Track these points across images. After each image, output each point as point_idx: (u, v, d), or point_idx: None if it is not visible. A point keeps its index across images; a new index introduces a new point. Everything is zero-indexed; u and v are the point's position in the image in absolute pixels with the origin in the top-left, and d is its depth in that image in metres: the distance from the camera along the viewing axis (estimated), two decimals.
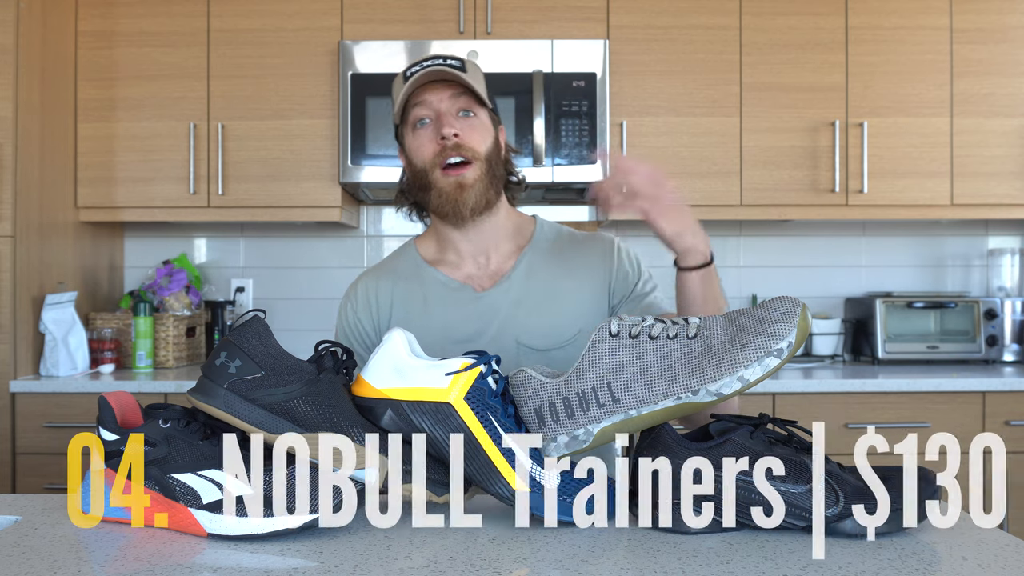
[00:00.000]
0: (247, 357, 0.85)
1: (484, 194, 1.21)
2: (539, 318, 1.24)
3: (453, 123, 1.19)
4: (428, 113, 1.21)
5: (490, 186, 1.22)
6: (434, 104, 1.21)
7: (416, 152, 1.23)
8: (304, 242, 2.94)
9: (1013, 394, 2.33)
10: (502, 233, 1.29)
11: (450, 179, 1.20)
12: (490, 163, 1.23)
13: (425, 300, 1.27)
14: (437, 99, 1.21)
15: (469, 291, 1.26)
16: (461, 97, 1.21)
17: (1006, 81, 2.59)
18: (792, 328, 0.79)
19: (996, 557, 0.74)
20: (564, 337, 1.23)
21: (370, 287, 1.30)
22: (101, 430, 0.85)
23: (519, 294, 1.25)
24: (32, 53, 2.35)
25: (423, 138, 1.22)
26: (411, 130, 1.23)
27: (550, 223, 1.36)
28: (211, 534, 0.80)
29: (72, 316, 2.43)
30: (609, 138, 2.52)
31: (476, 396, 0.85)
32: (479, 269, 1.28)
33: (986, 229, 2.98)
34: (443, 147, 1.19)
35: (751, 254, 2.96)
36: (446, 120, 1.19)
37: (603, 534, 0.82)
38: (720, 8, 2.58)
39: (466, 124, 1.21)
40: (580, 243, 1.32)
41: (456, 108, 1.21)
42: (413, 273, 1.30)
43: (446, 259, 1.30)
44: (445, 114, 1.20)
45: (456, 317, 1.25)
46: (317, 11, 2.56)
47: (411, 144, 1.24)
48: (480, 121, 1.23)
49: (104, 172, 2.58)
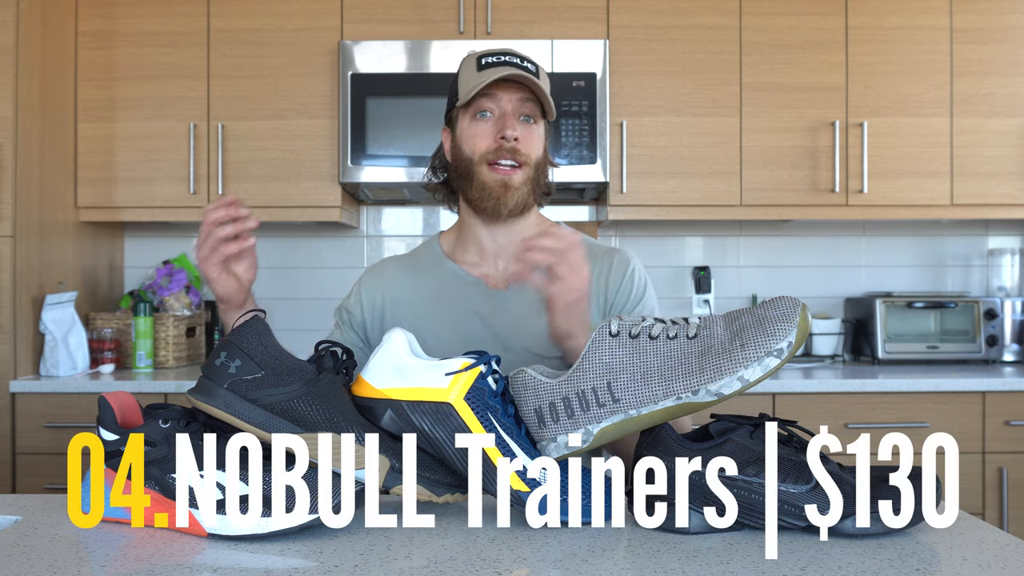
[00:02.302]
0: (247, 357, 0.85)
1: (525, 199, 1.24)
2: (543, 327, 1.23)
3: (516, 126, 1.21)
4: (493, 107, 1.23)
5: (531, 193, 1.25)
6: (502, 102, 1.22)
7: (469, 140, 1.24)
8: (304, 242, 2.94)
9: (1013, 394, 2.33)
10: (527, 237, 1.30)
11: (496, 176, 1.22)
12: (537, 171, 1.25)
13: (438, 292, 1.29)
14: (507, 98, 1.22)
15: (483, 287, 1.27)
16: (528, 103, 1.23)
17: (1006, 81, 2.59)
18: (792, 328, 0.79)
19: (996, 557, 0.74)
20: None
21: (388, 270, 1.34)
22: (101, 430, 0.85)
23: (529, 301, 1.25)
24: (32, 53, 2.35)
25: (482, 130, 1.23)
26: (470, 117, 1.24)
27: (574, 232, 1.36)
28: (211, 534, 0.80)
29: (72, 316, 2.43)
30: (609, 138, 2.52)
31: (476, 396, 0.85)
32: (496, 270, 1.30)
33: (986, 229, 2.98)
34: (500, 146, 1.21)
35: (751, 254, 2.96)
36: (510, 122, 1.21)
37: (603, 534, 0.82)
38: (720, 8, 2.58)
39: (526, 131, 1.23)
40: (597, 257, 1.31)
41: (521, 112, 1.23)
42: (432, 266, 1.32)
43: (467, 255, 1.31)
44: (510, 116, 1.22)
45: (465, 311, 1.26)
46: (317, 11, 2.56)
47: (466, 131, 1.24)
48: (538, 131, 1.26)
49: (104, 172, 2.58)
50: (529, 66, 1.22)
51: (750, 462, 0.80)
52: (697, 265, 2.90)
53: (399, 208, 2.95)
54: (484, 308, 1.26)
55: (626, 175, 2.57)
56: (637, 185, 2.58)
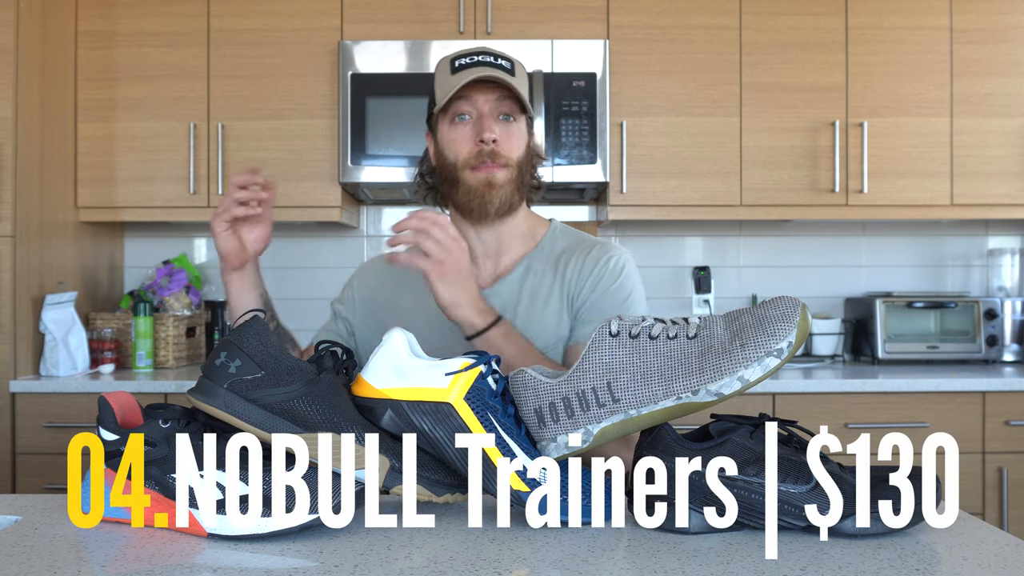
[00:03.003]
0: (247, 357, 0.85)
1: (510, 198, 1.23)
2: (524, 324, 1.23)
3: (494, 128, 1.20)
4: (470, 110, 1.22)
5: (516, 191, 1.24)
6: (479, 103, 1.21)
7: (450, 145, 1.24)
8: (304, 242, 2.94)
9: (1013, 394, 2.33)
10: (515, 236, 1.30)
11: (480, 176, 1.21)
12: (520, 170, 1.25)
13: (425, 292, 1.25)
14: (483, 99, 1.21)
15: None
16: (505, 101, 1.22)
17: (1006, 81, 2.60)
18: (792, 328, 0.79)
19: (996, 557, 0.74)
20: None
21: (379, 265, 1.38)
22: (101, 430, 0.85)
23: (510, 297, 1.26)
24: (32, 53, 2.35)
25: (461, 134, 1.22)
26: (449, 121, 1.24)
27: (566, 228, 1.36)
28: (211, 534, 0.80)
29: (72, 316, 2.43)
30: (609, 138, 2.52)
31: (476, 396, 0.85)
32: (484, 271, 1.30)
33: (986, 229, 2.98)
34: (480, 150, 1.21)
35: (751, 254, 2.96)
36: (487, 124, 1.20)
37: (603, 534, 0.82)
38: (720, 8, 2.58)
39: (505, 130, 1.22)
40: (582, 251, 1.29)
41: (499, 112, 1.22)
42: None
43: None
44: (487, 117, 1.21)
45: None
46: (317, 11, 2.56)
47: (446, 136, 1.24)
48: (518, 128, 1.24)
49: (104, 172, 2.58)
50: (504, 63, 1.21)
51: (750, 462, 0.80)
52: (697, 265, 2.90)
53: (399, 208, 2.95)
54: None
55: (626, 175, 2.57)
56: (637, 185, 2.58)
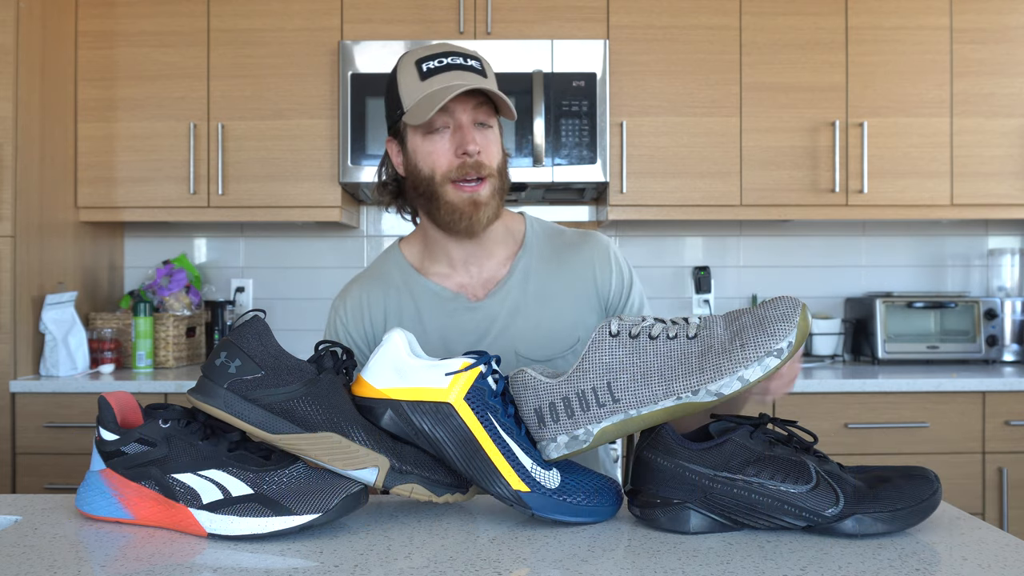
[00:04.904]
0: (247, 357, 0.85)
1: (496, 210, 1.18)
2: (537, 327, 1.21)
3: (476, 139, 1.13)
4: (447, 120, 1.14)
5: (500, 200, 1.19)
6: (456, 113, 1.13)
7: (426, 158, 1.15)
8: (304, 242, 2.94)
9: (1013, 394, 2.33)
10: (496, 239, 1.24)
11: (464, 195, 1.14)
12: (501, 176, 1.18)
13: (418, 311, 1.23)
14: (460, 109, 1.13)
15: (463, 300, 1.22)
16: (483, 107, 1.15)
17: (1006, 81, 2.60)
18: (792, 328, 0.79)
19: (996, 557, 0.74)
20: (563, 347, 1.21)
21: (362, 298, 1.25)
22: (101, 430, 0.85)
23: (516, 302, 1.22)
24: (32, 53, 2.35)
25: (439, 147, 1.14)
26: (423, 132, 1.15)
27: (540, 221, 1.31)
28: (211, 534, 0.80)
29: (72, 316, 2.43)
30: (609, 138, 2.52)
31: (476, 396, 0.85)
32: (471, 278, 1.24)
33: (986, 229, 2.98)
34: (463, 163, 1.13)
35: (751, 254, 2.96)
36: (469, 136, 1.13)
37: (603, 534, 0.82)
38: (720, 8, 2.58)
39: (484, 139, 1.15)
40: (575, 246, 1.27)
41: (475, 119, 1.15)
42: (403, 282, 1.25)
43: (437, 266, 1.25)
44: (468, 128, 1.14)
45: (452, 328, 1.21)
46: (317, 11, 2.56)
47: (421, 147, 1.16)
48: (495, 134, 1.18)
49: (104, 172, 2.58)
50: (475, 65, 1.14)
51: (750, 462, 0.80)
52: (697, 265, 2.90)
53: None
54: (470, 323, 1.21)
55: (626, 175, 2.57)
56: (637, 185, 2.58)
